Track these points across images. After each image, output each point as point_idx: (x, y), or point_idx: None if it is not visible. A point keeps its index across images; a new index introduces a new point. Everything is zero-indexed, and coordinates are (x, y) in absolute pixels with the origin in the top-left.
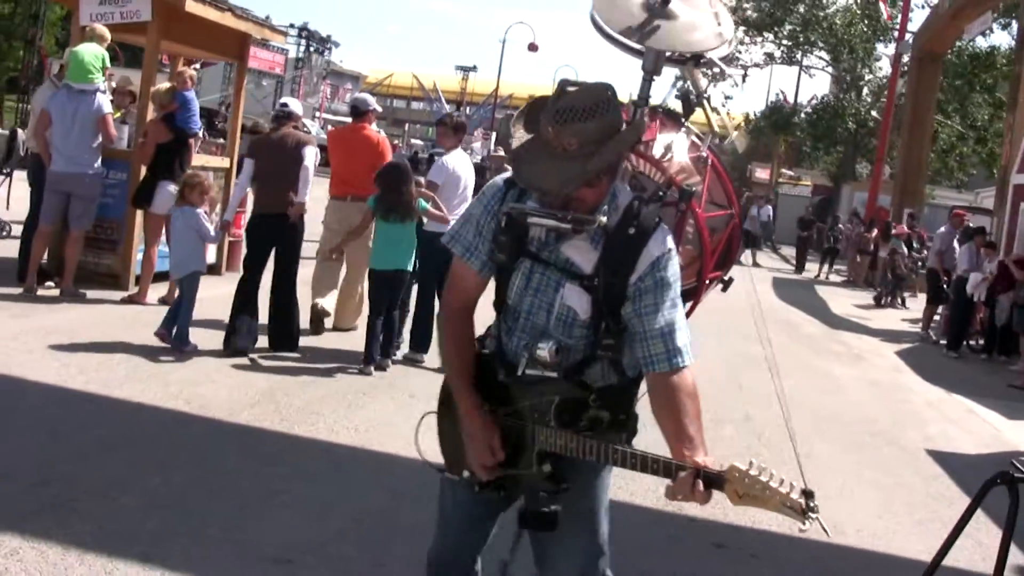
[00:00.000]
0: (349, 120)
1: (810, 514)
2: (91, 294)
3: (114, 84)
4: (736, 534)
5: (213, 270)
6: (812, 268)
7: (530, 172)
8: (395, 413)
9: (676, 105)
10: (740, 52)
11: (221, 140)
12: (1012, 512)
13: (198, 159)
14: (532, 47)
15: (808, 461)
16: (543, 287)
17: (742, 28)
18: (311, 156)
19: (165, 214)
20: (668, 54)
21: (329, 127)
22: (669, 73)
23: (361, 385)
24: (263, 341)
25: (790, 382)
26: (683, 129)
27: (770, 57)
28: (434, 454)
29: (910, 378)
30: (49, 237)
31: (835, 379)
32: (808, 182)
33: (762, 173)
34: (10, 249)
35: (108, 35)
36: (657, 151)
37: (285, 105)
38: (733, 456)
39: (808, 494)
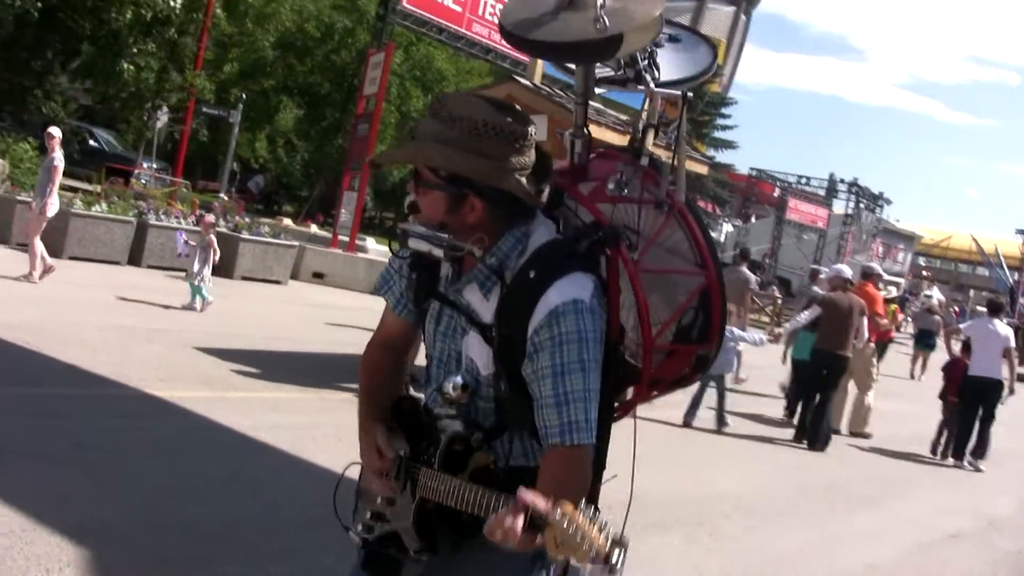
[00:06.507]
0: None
1: (615, 568)
2: None
3: None
4: None
5: None
6: None
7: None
8: None
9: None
10: None
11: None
12: None
13: None
14: None
15: None
16: (451, 331)
17: None
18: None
19: None
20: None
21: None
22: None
23: None
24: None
25: None
26: (643, 166)
27: None
28: None
29: None
30: None
31: None
32: None
33: None
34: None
35: None
36: (599, 190)
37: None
38: None
39: (618, 544)
